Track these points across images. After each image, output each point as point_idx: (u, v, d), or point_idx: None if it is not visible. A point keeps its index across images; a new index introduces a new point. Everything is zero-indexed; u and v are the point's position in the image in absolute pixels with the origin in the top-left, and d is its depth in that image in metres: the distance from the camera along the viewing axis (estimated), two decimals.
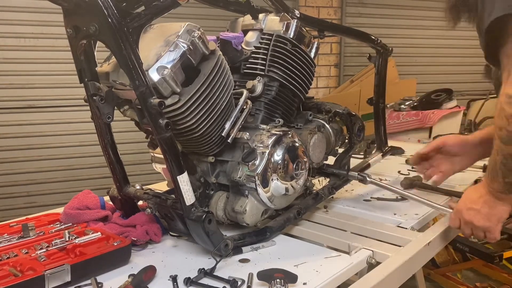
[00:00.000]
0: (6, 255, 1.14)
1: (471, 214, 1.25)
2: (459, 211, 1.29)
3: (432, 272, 2.90)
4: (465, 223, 1.28)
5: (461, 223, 1.30)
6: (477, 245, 2.73)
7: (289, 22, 1.42)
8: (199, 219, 1.13)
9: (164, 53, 1.11)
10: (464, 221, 1.28)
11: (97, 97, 1.16)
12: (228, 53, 1.37)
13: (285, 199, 1.36)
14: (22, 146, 3.70)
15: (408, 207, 1.59)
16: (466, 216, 1.27)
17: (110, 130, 1.30)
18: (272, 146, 1.26)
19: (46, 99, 3.73)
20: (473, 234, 1.28)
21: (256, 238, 1.28)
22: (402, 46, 4.94)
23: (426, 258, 1.37)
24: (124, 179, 1.36)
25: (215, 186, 1.35)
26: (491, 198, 1.21)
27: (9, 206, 3.68)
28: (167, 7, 1.14)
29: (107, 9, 1.02)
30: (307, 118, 1.52)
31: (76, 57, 1.17)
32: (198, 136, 1.22)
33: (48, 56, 3.66)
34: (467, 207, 1.27)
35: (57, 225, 1.37)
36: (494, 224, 1.23)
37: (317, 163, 1.50)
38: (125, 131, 2.33)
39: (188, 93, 1.14)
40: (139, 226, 1.29)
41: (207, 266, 1.12)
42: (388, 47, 1.83)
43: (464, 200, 1.30)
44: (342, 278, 1.12)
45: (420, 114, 3.86)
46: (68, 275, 1.04)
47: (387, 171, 2.04)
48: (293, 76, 1.42)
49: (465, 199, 1.29)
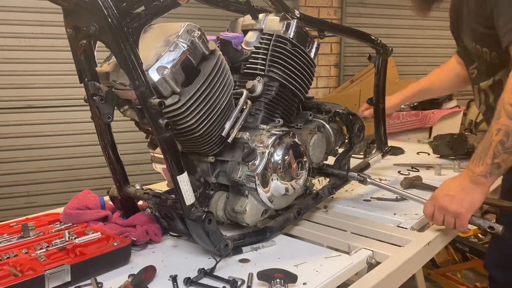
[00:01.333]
0: (6, 255, 1.14)
1: (445, 200, 1.26)
2: (435, 198, 1.31)
3: (432, 272, 2.90)
4: (439, 209, 1.29)
5: (435, 210, 1.30)
6: (477, 245, 2.73)
7: (289, 22, 1.43)
8: (199, 219, 1.13)
9: (164, 53, 1.11)
10: (438, 207, 1.29)
11: (97, 97, 1.16)
12: (228, 53, 1.37)
13: (285, 199, 1.36)
14: (22, 146, 3.70)
15: (408, 207, 1.59)
16: (440, 202, 1.27)
17: (110, 130, 1.30)
18: (272, 146, 1.26)
19: (46, 99, 3.73)
20: (443, 222, 1.29)
21: (256, 238, 1.28)
22: (402, 46, 4.94)
23: (426, 258, 1.37)
24: (124, 179, 1.36)
25: (215, 186, 1.35)
26: (469, 184, 1.22)
27: (9, 206, 3.68)
28: (167, 7, 1.14)
29: (107, 9, 1.01)
30: (307, 118, 1.52)
31: (76, 57, 1.17)
32: (198, 136, 1.22)
33: (48, 56, 3.66)
34: (443, 193, 1.28)
35: (57, 225, 1.37)
36: (466, 211, 1.23)
37: (317, 163, 1.51)
38: (125, 131, 2.33)
39: (188, 93, 1.14)
40: (139, 226, 1.29)
41: (207, 266, 1.12)
42: (388, 47, 1.82)
43: (441, 188, 1.32)
44: (342, 278, 1.12)
45: (420, 114, 3.87)
46: (68, 275, 1.04)
47: (387, 171, 2.04)
48: (293, 76, 1.42)
49: (443, 187, 1.31)
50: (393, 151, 2.06)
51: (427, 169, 2.09)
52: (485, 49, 1.40)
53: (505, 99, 1.14)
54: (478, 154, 1.21)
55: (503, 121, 1.13)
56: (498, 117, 1.15)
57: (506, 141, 1.13)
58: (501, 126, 1.13)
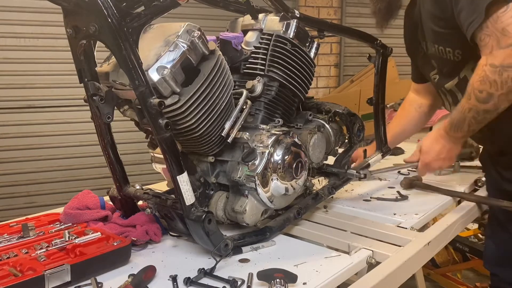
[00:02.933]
0: (6, 255, 1.14)
1: (440, 162, 1.55)
2: (428, 165, 1.57)
3: (432, 272, 2.90)
4: (434, 170, 1.61)
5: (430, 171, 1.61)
6: (477, 245, 2.73)
7: (289, 22, 1.42)
8: (199, 219, 1.13)
9: (164, 53, 1.11)
10: (435, 168, 1.59)
11: (97, 97, 1.16)
12: (228, 53, 1.37)
13: (285, 199, 1.36)
14: (22, 146, 3.70)
15: (408, 207, 1.60)
16: (436, 165, 1.56)
17: (110, 130, 1.30)
18: (272, 146, 1.26)
19: (46, 99, 3.73)
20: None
21: (256, 238, 1.28)
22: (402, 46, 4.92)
23: (426, 258, 1.37)
24: (124, 179, 1.36)
25: (215, 186, 1.35)
26: (452, 145, 1.51)
27: (9, 206, 3.68)
28: (167, 7, 1.13)
29: (107, 9, 1.01)
30: (307, 118, 1.52)
31: (76, 57, 1.17)
32: (198, 136, 1.22)
33: (48, 56, 3.66)
34: (435, 158, 1.54)
35: (57, 225, 1.37)
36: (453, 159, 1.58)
37: (317, 163, 1.50)
38: (125, 131, 2.34)
39: (188, 93, 1.14)
40: (139, 226, 1.29)
41: (207, 266, 1.12)
42: (388, 47, 1.82)
43: (428, 153, 1.55)
44: (342, 278, 1.12)
45: None
46: (68, 275, 1.04)
47: (387, 171, 2.04)
48: (293, 76, 1.42)
49: (429, 152, 1.55)
50: (393, 151, 2.06)
51: None
52: (448, 49, 1.49)
53: (474, 85, 1.33)
54: (455, 124, 1.45)
55: (473, 102, 1.34)
56: (469, 98, 1.35)
57: (477, 116, 1.37)
58: (472, 106, 1.35)
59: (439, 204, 1.64)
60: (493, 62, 1.27)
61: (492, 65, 1.27)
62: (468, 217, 1.62)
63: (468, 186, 1.85)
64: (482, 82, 1.30)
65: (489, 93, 1.29)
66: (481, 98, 1.32)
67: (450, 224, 1.45)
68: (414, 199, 1.69)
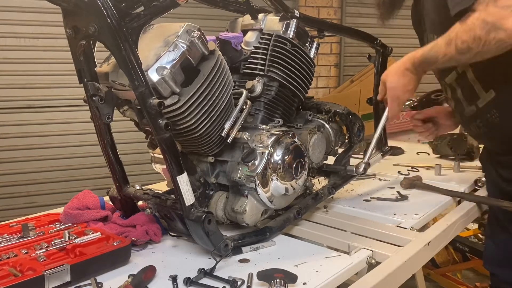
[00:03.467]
0: (6, 255, 1.14)
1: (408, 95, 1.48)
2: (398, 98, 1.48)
3: (432, 272, 2.90)
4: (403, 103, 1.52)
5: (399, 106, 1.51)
6: (477, 245, 2.73)
7: (288, 22, 1.42)
8: (199, 220, 1.13)
9: (164, 53, 1.11)
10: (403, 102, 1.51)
11: (96, 98, 1.16)
12: (227, 53, 1.37)
13: (285, 199, 1.36)
14: (22, 146, 3.70)
15: (408, 207, 1.60)
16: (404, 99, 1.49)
17: (109, 130, 1.30)
18: (271, 146, 1.26)
19: (46, 99, 3.73)
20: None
21: (256, 238, 1.28)
22: (402, 46, 4.90)
23: (426, 258, 1.37)
24: (124, 179, 1.36)
25: (215, 186, 1.35)
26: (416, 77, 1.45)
27: (9, 206, 3.68)
28: (166, 8, 1.14)
29: (106, 10, 1.01)
30: (307, 118, 1.52)
31: (75, 58, 1.17)
32: (198, 136, 1.22)
33: (48, 56, 3.66)
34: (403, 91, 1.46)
35: (57, 225, 1.37)
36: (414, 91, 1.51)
37: (317, 163, 1.50)
38: (125, 131, 2.33)
39: (188, 93, 1.14)
40: (139, 226, 1.29)
41: (207, 266, 1.12)
42: (388, 47, 1.83)
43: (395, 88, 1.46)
44: (342, 278, 1.12)
45: None
46: (68, 275, 1.04)
47: (387, 171, 2.04)
48: (292, 76, 1.42)
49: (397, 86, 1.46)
50: (393, 151, 2.06)
51: (427, 169, 2.10)
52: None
53: (459, 33, 1.26)
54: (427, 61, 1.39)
55: (451, 50, 1.29)
56: (449, 44, 1.29)
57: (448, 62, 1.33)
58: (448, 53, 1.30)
59: (439, 204, 1.64)
60: (486, 18, 1.20)
61: (483, 21, 1.21)
62: (468, 217, 1.62)
63: (468, 186, 1.85)
64: (467, 33, 1.25)
65: (469, 47, 1.25)
66: (460, 49, 1.28)
67: (450, 224, 1.45)
68: (414, 199, 1.69)
